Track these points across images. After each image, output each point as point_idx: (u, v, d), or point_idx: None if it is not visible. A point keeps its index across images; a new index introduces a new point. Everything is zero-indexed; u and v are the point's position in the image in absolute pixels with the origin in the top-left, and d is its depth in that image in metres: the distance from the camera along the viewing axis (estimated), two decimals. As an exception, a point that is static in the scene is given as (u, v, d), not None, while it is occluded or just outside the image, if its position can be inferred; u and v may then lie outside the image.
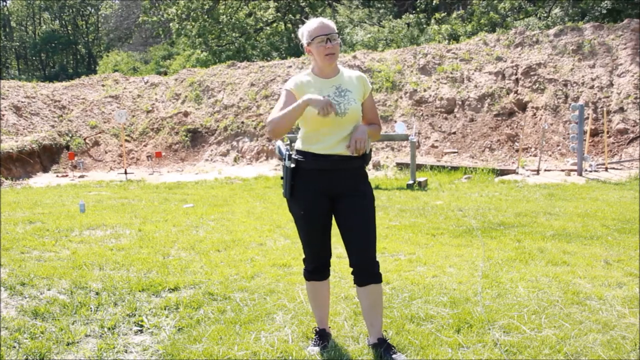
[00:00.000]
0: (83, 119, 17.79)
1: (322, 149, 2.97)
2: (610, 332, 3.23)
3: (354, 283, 3.07)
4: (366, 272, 3.01)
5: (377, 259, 3.04)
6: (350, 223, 3.00)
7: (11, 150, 14.55)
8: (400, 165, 13.37)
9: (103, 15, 50.19)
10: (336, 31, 3.01)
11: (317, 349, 3.08)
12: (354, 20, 28.66)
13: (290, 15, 28.17)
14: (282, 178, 3.07)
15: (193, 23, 26.81)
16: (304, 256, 3.18)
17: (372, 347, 3.05)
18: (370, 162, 13.95)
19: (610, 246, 5.33)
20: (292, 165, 2.99)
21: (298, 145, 3.07)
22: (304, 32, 3.02)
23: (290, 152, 3.05)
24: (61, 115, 18.15)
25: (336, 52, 2.98)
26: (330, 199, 3.03)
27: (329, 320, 3.36)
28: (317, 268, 3.15)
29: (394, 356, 2.94)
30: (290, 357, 3.00)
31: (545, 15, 22.85)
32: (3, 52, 45.83)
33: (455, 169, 12.44)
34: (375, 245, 3.02)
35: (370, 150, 3.11)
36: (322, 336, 3.18)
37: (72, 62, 50.36)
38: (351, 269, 3.05)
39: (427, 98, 15.72)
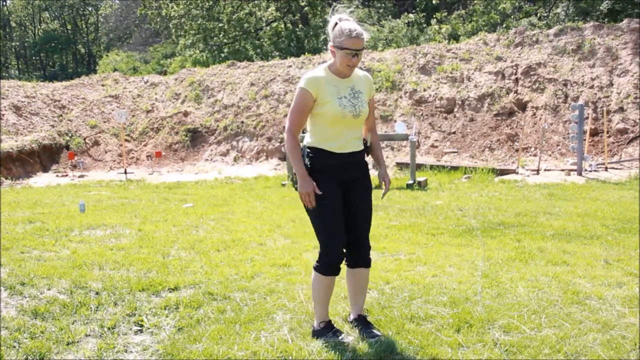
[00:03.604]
0: (83, 119, 17.79)
1: (337, 148, 3.12)
2: (610, 331, 3.23)
3: (346, 264, 3.28)
4: (359, 256, 3.25)
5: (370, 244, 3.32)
6: (356, 209, 3.22)
7: (11, 150, 14.54)
8: (400, 165, 13.36)
9: (103, 15, 50.17)
10: (364, 45, 3.04)
11: (350, 338, 3.18)
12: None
13: (290, 15, 28.15)
14: (294, 174, 3.21)
15: (193, 23, 26.79)
16: (320, 251, 3.17)
17: (352, 323, 3.33)
18: (371, 162, 13.96)
19: (610, 246, 5.33)
20: (309, 164, 3.12)
21: (309, 140, 3.17)
22: (337, 31, 3.03)
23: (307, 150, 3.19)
24: (61, 115, 18.14)
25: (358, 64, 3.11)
26: (341, 188, 3.21)
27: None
28: (338, 261, 3.19)
29: (374, 331, 3.20)
30: (290, 357, 3.00)
31: (545, 15, 22.85)
32: (3, 52, 45.79)
33: (455, 168, 12.43)
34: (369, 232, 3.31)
35: (368, 142, 3.34)
36: (333, 326, 3.26)
37: (72, 62, 50.35)
38: (346, 250, 3.24)
39: (427, 98, 15.71)
